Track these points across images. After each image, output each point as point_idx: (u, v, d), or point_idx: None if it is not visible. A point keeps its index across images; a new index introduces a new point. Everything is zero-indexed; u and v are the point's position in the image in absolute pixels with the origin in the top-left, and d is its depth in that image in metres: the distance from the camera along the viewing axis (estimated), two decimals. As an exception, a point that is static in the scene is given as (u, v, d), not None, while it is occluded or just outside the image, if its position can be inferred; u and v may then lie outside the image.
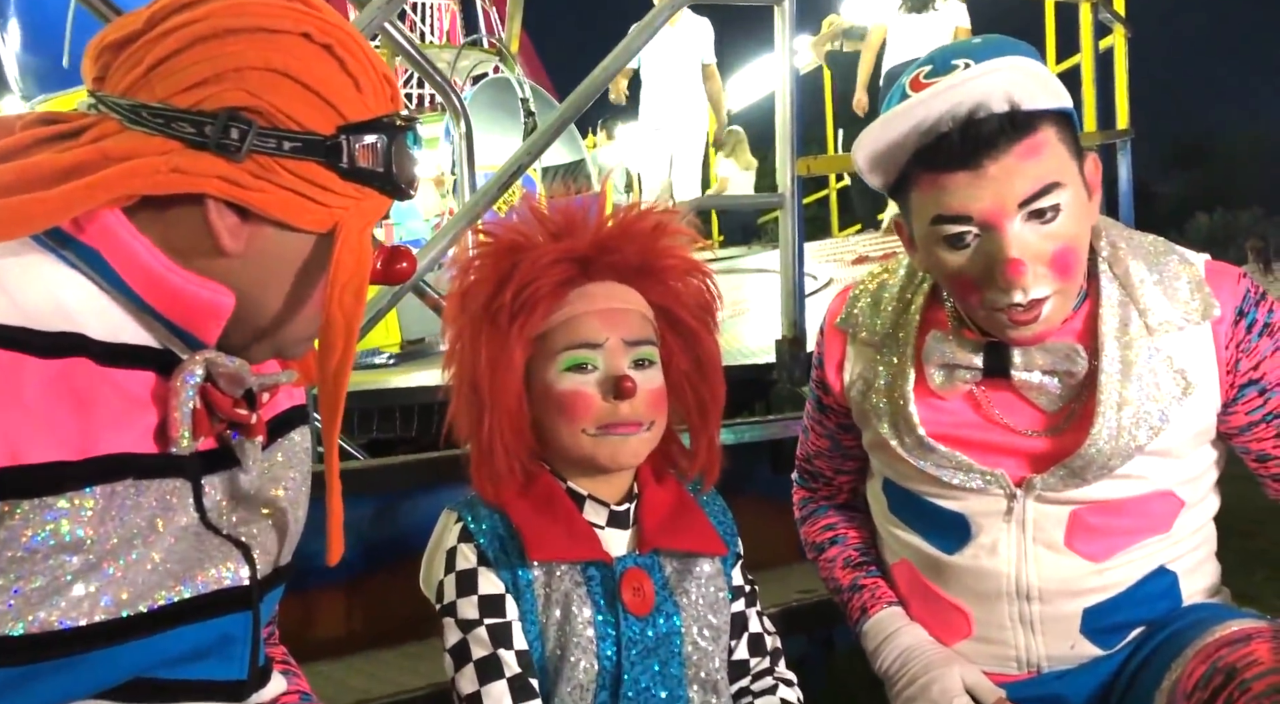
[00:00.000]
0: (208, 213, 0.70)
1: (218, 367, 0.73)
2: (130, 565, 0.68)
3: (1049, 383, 1.10)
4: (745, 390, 2.28)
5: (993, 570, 1.14)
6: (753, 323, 3.39)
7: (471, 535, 1.01)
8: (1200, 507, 1.15)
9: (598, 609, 0.99)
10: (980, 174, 1.00)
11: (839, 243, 5.72)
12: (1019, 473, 1.12)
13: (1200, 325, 1.08)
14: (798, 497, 1.42)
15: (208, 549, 0.74)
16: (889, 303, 1.21)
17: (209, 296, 0.72)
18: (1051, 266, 1.03)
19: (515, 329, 0.99)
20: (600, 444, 1.00)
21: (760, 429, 1.95)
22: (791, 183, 2.17)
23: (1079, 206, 1.03)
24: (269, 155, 0.70)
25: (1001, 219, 1.01)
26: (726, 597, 1.08)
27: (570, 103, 2.02)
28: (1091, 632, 1.13)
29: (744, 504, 1.39)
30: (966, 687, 1.13)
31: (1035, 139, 1.00)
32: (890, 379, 1.17)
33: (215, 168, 0.69)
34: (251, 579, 0.77)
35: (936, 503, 1.17)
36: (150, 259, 0.71)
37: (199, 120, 0.68)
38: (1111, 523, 1.11)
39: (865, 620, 1.24)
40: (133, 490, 0.69)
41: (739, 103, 10.00)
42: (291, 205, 0.72)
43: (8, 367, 0.63)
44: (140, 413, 0.71)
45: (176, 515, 0.72)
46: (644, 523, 1.04)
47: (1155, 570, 1.12)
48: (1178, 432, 1.08)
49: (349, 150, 0.72)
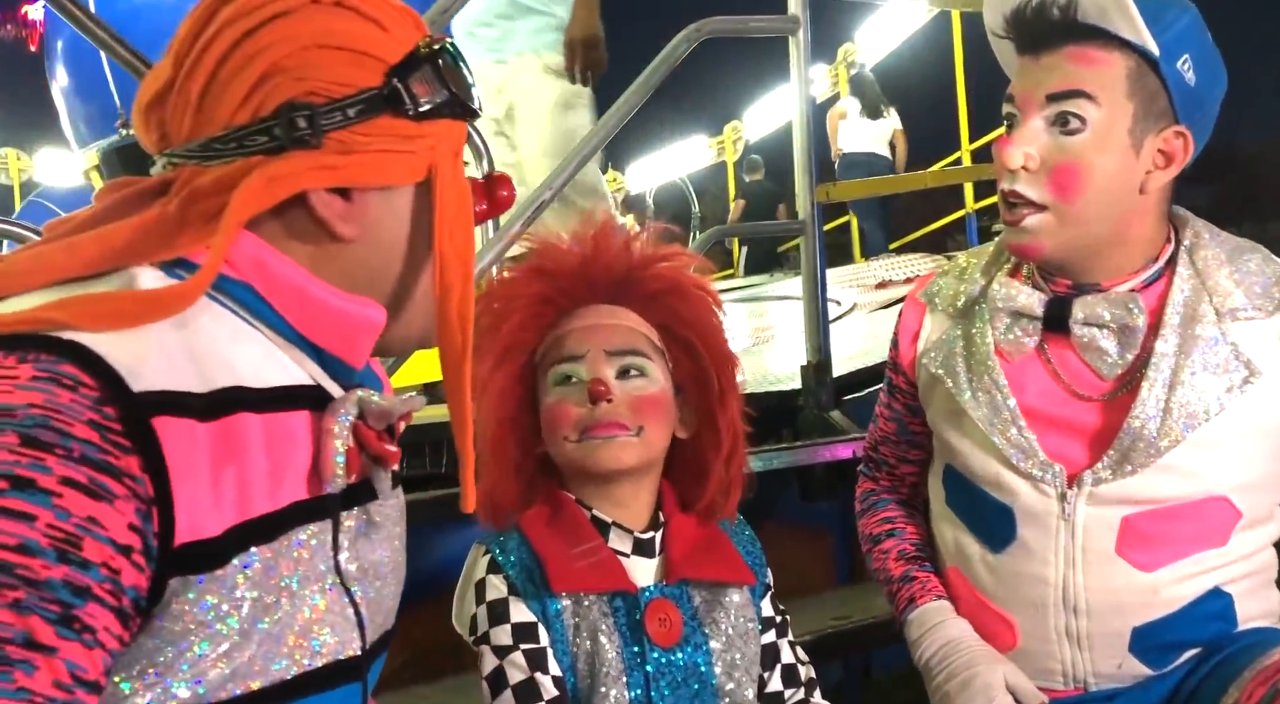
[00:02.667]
0: (314, 209, 0.70)
1: (369, 405, 0.73)
2: (267, 630, 0.67)
3: (1107, 344, 1.11)
4: (772, 417, 2.27)
5: (1040, 576, 1.13)
6: (778, 350, 3.39)
7: (500, 567, 1.02)
8: (1260, 528, 1.13)
9: (624, 640, 0.99)
10: (1034, 61, 1.08)
11: (861, 268, 5.71)
12: (1076, 463, 1.11)
13: (1274, 316, 1.09)
14: (861, 489, 1.41)
15: (332, 610, 0.72)
16: (974, 277, 1.23)
17: (359, 311, 0.73)
18: (1050, 177, 1.07)
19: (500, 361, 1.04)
20: (581, 449, 1.01)
21: (787, 455, 1.95)
22: (812, 209, 2.19)
23: (1108, 138, 1.05)
24: (342, 128, 0.70)
25: (1029, 105, 1.08)
26: (756, 628, 1.07)
27: (591, 136, 2.05)
28: (1141, 651, 1.11)
29: (773, 531, 1.39)
30: (1009, 686, 1.11)
31: (1093, 52, 1.05)
32: (971, 342, 1.18)
33: (304, 162, 0.69)
34: (362, 648, 0.75)
35: (988, 493, 1.16)
36: (302, 280, 0.71)
37: (265, 126, 0.69)
38: (1164, 530, 1.09)
39: (911, 610, 1.22)
40: (283, 545, 0.68)
41: (757, 133, 10.07)
42: (386, 166, 0.72)
43: (188, 435, 0.63)
44: (295, 457, 0.70)
45: (315, 560, 0.71)
46: (671, 552, 1.04)
47: (1210, 591, 1.10)
48: (1236, 422, 1.07)
49: (407, 91, 0.71)
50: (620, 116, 2.01)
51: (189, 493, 0.62)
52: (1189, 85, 1.06)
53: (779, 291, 5.40)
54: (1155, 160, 1.08)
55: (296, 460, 0.70)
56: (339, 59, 0.70)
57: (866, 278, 5.07)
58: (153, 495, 0.61)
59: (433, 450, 2.43)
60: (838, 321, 3.42)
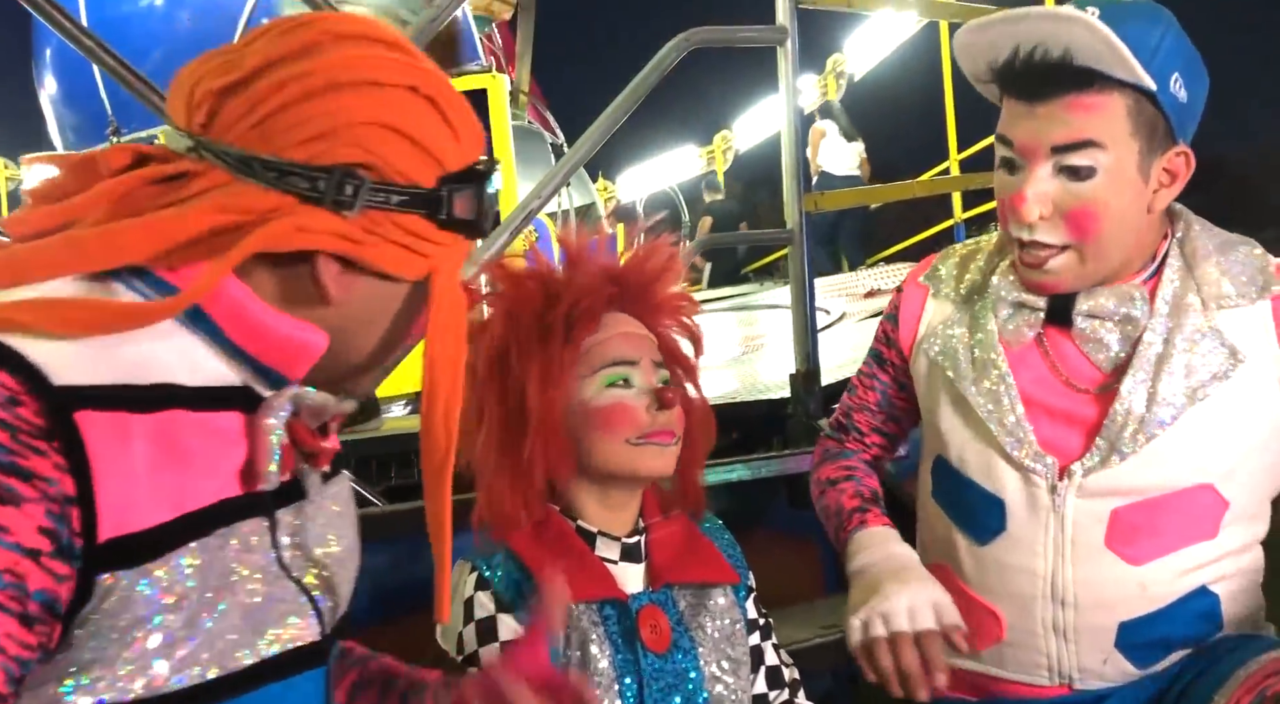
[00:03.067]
0: (317, 266, 0.71)
1: (305, 400, 0.74)
2: (216, 623, 0.67)
3: (1107, 336, 1.12)
4: (761, 425, 2.28)
5: (1028, 568, 1.13)
6: (767, 358, 3.39)
7: (488, 583, 1.01)
8: (1247, 521, 1.13)
9: (616, 648, 0.99)
10: (1030, 108, 1.06)
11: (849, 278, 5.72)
12: (1067, 455, 1.12)
13: (1257, 303, 1.10)
14: (822, 447, 1.40)
15: (281, 599, 0.73)
16: (979, 263, 1.24)
17: (303, 337, 0.73)
18: (1067, 221, 1.07)
19: (570, 346, 1.02)
20: (641, 452, 1.03)
21: (776, 464, 1.95)
22: (799, 218, 2.19)
23: (1120, 179, 1.06)
24: (378, 209, 0.71)
25: (1033, 156, 1.07)
26: (743, 629, 1.07)
27: (581, 145, 2.05)
28: (1126, 647, 1.12)
29: (761, 539, 1.39)
30: (933, 602, 1.08)
31: (1091, 98, 1.04)
32: (975, 330, 1.19)
33: (330, 224, 0.70)
34: (322, 633, 0.76)
35: (978, 484, 1.16)
36: (249, 304, 0.71)
37: (313, 175, 0.69)
38: (1153, 522, 1.10)
39: (861, 529, 1.19)
40: (220, 540, 0.68)
41: (746, 142, 10.11)
42: (396, 258, 0.73)
43: (117, 429, 0.63)
44: (228, 454, 0.71)
45: (255, 556, 0.72)
46: (654, 558, 1.05)
47: (1197, 589, 1.11)
48: (1221, 408, 1.08)
49: (449, 201, 0.74)
50: (609, 125, 2.01)
51: (117, 487, 0.62)
52: (1183, 104, 1.07)
53: (768, 300, 5.42)
54: (1161, 180, 1.09)
55: (230, 458, 0.70)
56: (408, 150, 0.72)
57: (855, 287, 5.08)
58: (72, 494, 0.60)
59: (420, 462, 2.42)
60: (826, 330, 3.43)
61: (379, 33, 0.73)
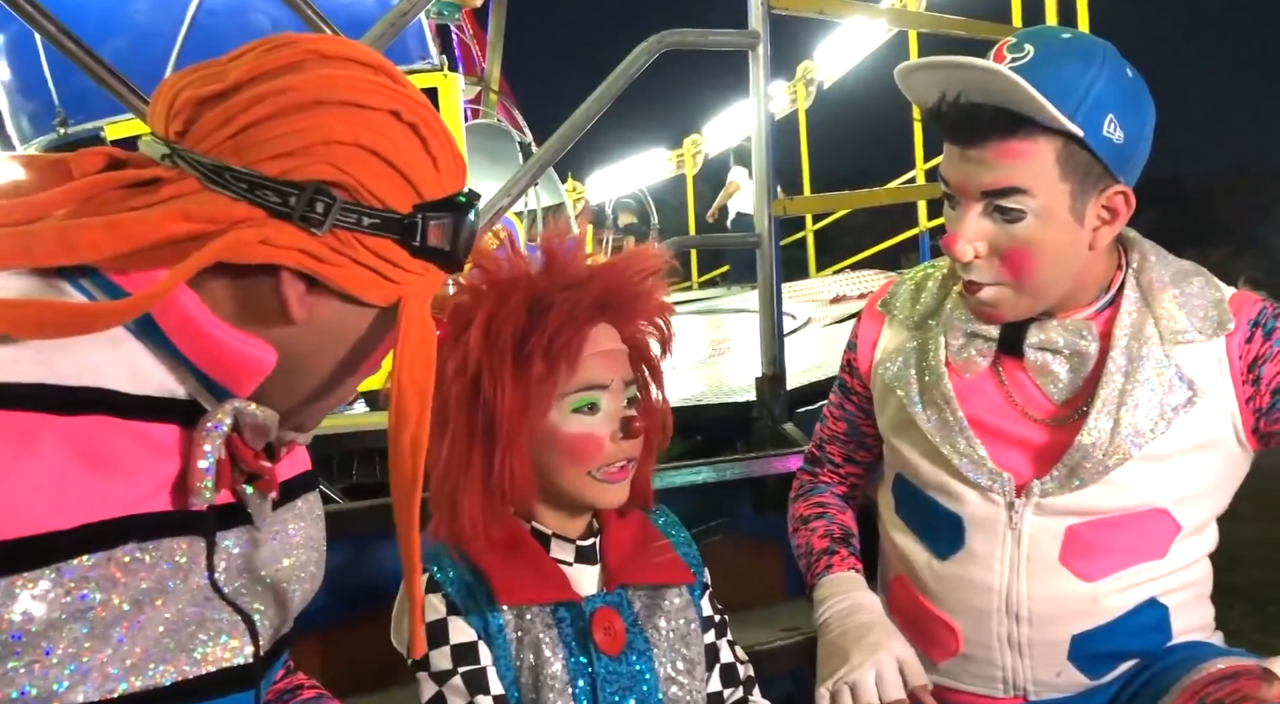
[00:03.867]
0: (281, 283, 0.70)
1: (245, 417, 0.72)
2: (131, 637, 0.65)
3: (1059, 369, 1.13)
4: (726, 428, 2.28)
5: (984, 583, 1.15)
6: (733, 361, 3.40)
7: (439, 585, 1.00)
8: (1196, 538, 1.16)
9: (569, 651, 0.99)
10: (962, 151, 1.08)
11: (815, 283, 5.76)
12: (1024, 475, 1.13)
13: (1213, 340, 1.11)
14: (798, 481, 1.42)
15: (212, 619, 0.72)
16: (931, 289, 1.25)
17: (253, 353, 0.71)
18: (1002, 261, 1.09)
19: (551, 379, 0.98)
20: (602, 489, 1.02)
21: (741, 467, 1.95)
22: (769, 223, 2.20)
23: (1050, 223, 1.07)
24: (348, 230, 0.70)
25: (966, 196, 1.09)
26: (698, 628, 1.07)
27: (551, 145, 2.04)
28: (1079, 659, 1.14)
29: (725, 542, 1.39)
30: (898, 659, 1.12)
31: (1017, 144, 1.04)
32: (923, 355, 1.20)
33: (297, 240, 0.69)
34: (255, 656, 0.75)
35: (938, 501, 1.18)
36: (198, 315, 0.70)
37: (284, 190, 0.68)
38: (1107, 540, 1.12)
39: (826, 574, 1.23)
40: (137, 553, 0.66)
41: (717, 147, 10.14)
42: (364, 281, 0.72)
43: (21, 430, 0.61)
44: (160, 467, 0.69)
45: (188, 576, 0.70)
46: (608, 559, 1.05)
47: (1146, 601, 1.13)
48: (1179, 439, 1.10)
49: (423, 229, 0.73)
50: (580, 125, 2.01)
51: (16, 487, 0.60)
52: (1118, 145, 1.06)
53: (735, 304, 5.44)
54: (1100, 216, 1.10)
55: (162, 470, 0.69)
56: (385, 174, 0.71)
57: (821, 293, 5.12)
58: None
59: (382, 459, 2.39)
60: (792, 335, 3.44)
61: (364, 56, 0.73)
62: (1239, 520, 1.26)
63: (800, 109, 7.90)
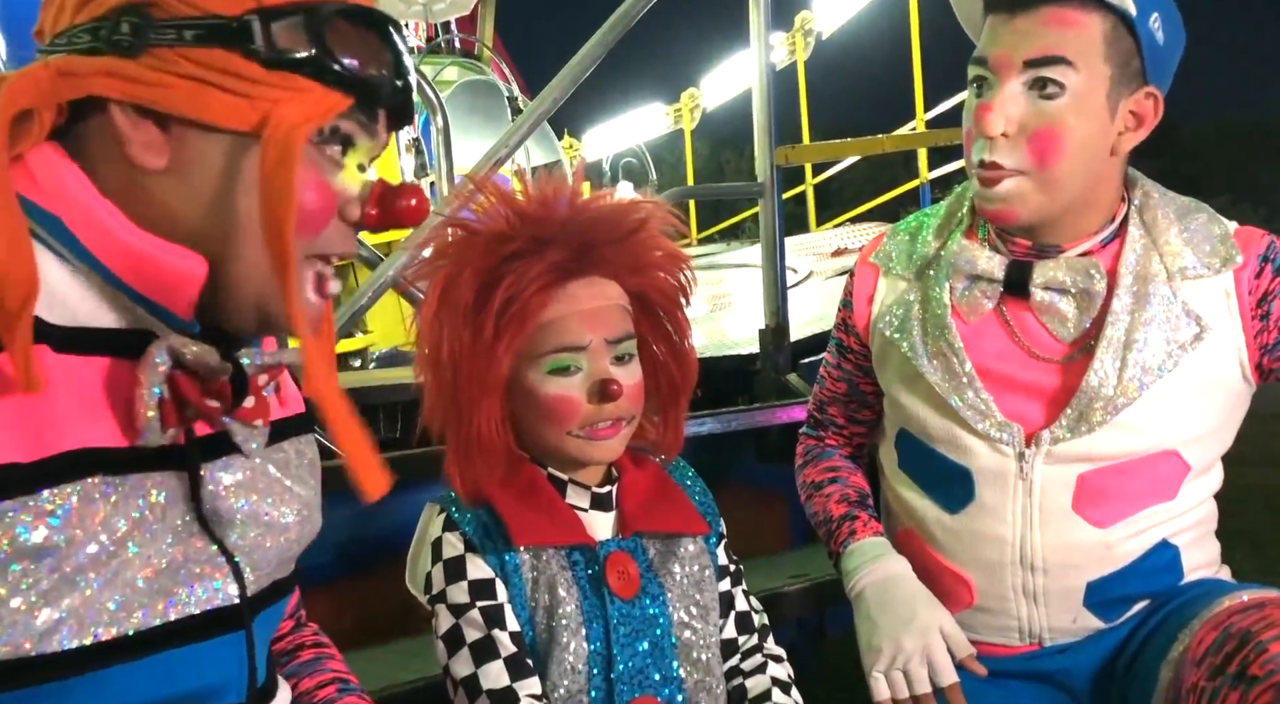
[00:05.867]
0: (114, 121, 0.65)
1: (183, 354, 0.67)
2: (115, 576, 0.63)
3: (1066, 308, 1.11)
4: (729, 380, 2.27)
5: (996, 536, 1.14)
6: (735, 315, 3.39)
7: (456, 524, 1.01)
8: (1204, 478, 1.15)
9: (584, 593, 0.99)
10: (1009, 21, 1.06)
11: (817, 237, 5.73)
12: (1033, 423, 1.12)
13: (1221, 274, 1.10)
14: (803, 445, 1.40)
15: (197, 558, 0.69)
16: (926, 238, 1.22)
17: (175, 262, 0.67)
18: (1029, 143, 1.06)
19: (502, 344, 0.97)
20: (585, 446, 1.01)
21: (745, 418, 1.95)
22: (771, 171, 2.17)
23: (1087, 104, 1.05)
24: (170, 47, 0.64)
25: (1005, 70, 1.06)
26: (712, 575, 1.07)
27: (546, 96, 2.00)
28: (1094, 605, 1.13)
29: (730, 492, 1.39)
30: (944, 634, 1.12)
31: (1070, 13, 1.03)
32: (926, 305, 1.18)
33: (104, 65, 0.64)
34: (241, 597, 0.72)
35: (945, 455, 1.17)
36: (112, 222, 0.66)
37: (95, 26, 0.64)
38: (1119, 486, 1.11)
39: (851, 541, 1.22)
40: (105, 489, 0.64)
41: (715, 100, 10.03)
42: (200, 97, 0.65)
43: None
44: (112, 402, 0.66)
45: (169, 512, 0.67)
46: (624, 506, 1.05)
47: (1158, 544, 1.13)
48: (1187, 377, 1.09)
49: (264, 33, 0.65)
50: (576, 75, 1.97)
51: None
52: (1159, 44, 1.06)
53: (735, 260, 5.40)
54: (1127, 122, 1.08)
55: (115, 405, 0.66)
56: None
57: (822, 246, 5.08)
58: None
59: (387, 416, 2.39)
60: (794, 288, 3.42)
61: None
62: (1244, 465, 1.26)
63: (799, 61, 7.81)
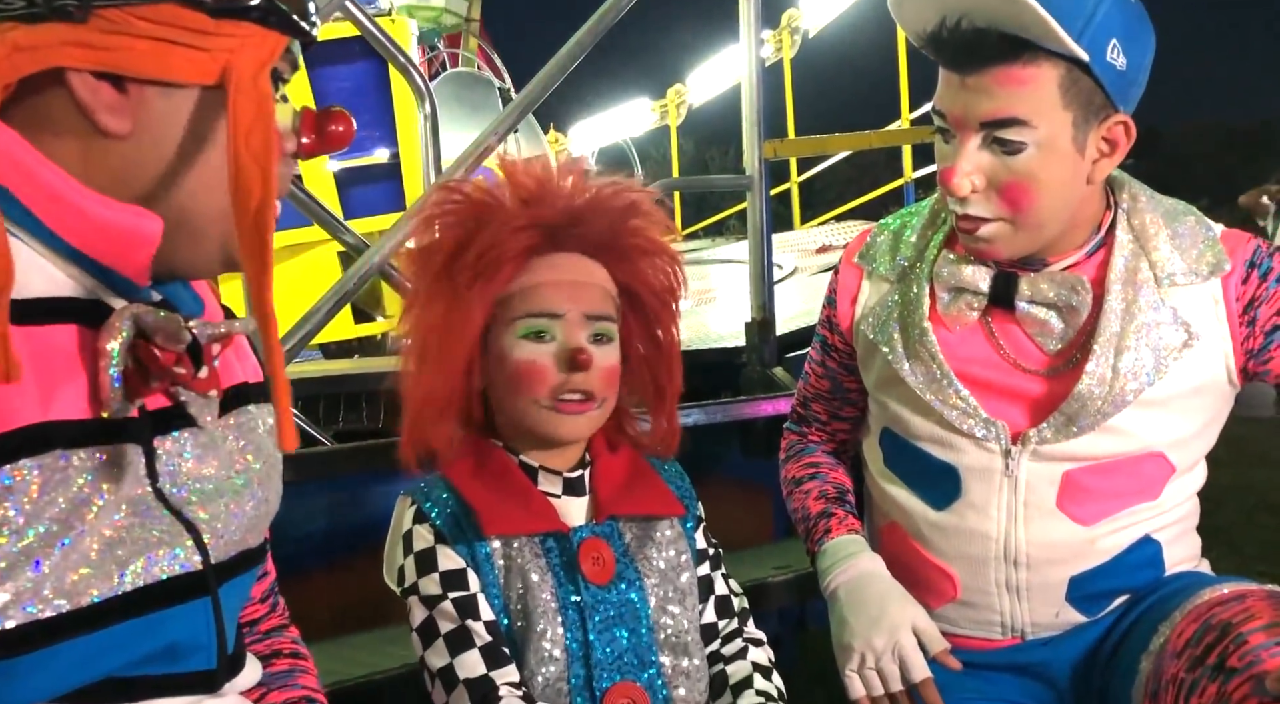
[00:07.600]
0: (76, 93, 0.64)
1: (147, 321, 0.66)
2: (67, 551, 0.62)
3: (1051, 321, 1.11)
4: (714, 374, 2.27)
5: (981, 532, 1.14)
6: (720, 310, 3.39)
7: (426, 515, 1.00)
8: (1188, 476, 1.16)
9: (558, 580, 0.98)
10: (960, 79, 1.04)
11: (802, 234, 5.75)
12: (1019, 424, 1.12)
13: (1209, 281, 1.10)
14: (786, 441, 1.40)
15: (154, 529, 0.68)
16: (909, 239, 1.22)
17: (127, 220, 0.66)
18: (1000, 195, 1.05)
19: (475, 291, 0.98)
20: (550, 418, 1.00)
21: (730, 410, 1.95)
22: (759, 165, 2.17)
23: (1052, 154, 1.03)
24: (115, 7, 0.63)
25: (963, 129, 1.05)
26: (690, 559, 1.07)
27: (533, 87, 1.99)
28: (1076, 599, 1.14)
29: (715, 485, 1.38)
30: (916, 630, 1.12)
31: (1019, 70, 1.00)
32: (907, 309, 1.18)
33: (61, 35, 0.63)
34: (205, 564, 0.72)
35: (931, 453, 1.16)
36: (63, 186, 0.65)
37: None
38: (1103, 484, 1.11)
39: (826, 540, 1.22)
40: (62, 463, 0.63)
41: (701, 96, 10.03)
42: (160, 55, 0.65)
43: None
44: (68, 374, 0.65)
45: (123, 486, 0.66)
46: (599, 491, 1.04)
47: (1141, 540, 1.13)
48: (1176, 384, 1.09)
49: None
50: (563, 66, 1.96)
51: None
52: (1121, 72, 1.02)
53: (719, 256, 5.42)
54: (1101, 148, 1.06)
55: (71, 377, 0.65)
56: None
57: (807, 243, 5.11)
58: None
59: (369, 404, 2.38)
60: (779, 284, 3.43)
61: None
62: (1219, 465, 1.26)
63: (785, 58, 7.82)
